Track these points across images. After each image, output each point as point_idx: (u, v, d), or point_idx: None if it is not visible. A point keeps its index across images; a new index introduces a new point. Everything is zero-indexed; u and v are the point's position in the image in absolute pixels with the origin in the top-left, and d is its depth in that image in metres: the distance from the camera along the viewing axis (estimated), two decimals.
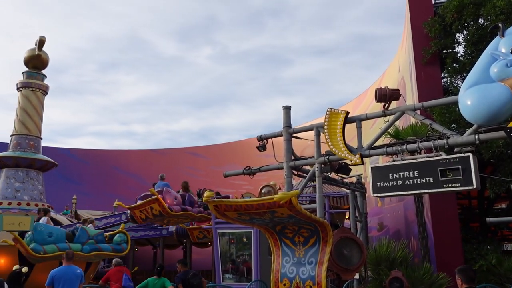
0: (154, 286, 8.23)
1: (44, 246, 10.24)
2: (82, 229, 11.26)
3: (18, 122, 15.85)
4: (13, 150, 15.49)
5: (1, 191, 14.84)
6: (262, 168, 10.01)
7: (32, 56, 16.15)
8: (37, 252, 10.08)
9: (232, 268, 13.20)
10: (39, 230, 10.35)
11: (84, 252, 10.92)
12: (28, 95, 15.96)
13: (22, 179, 15.31)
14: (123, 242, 12.04)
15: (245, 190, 20.13)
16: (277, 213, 6.72)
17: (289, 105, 9.42)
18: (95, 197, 25.80)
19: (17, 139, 15.59)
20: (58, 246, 10.44)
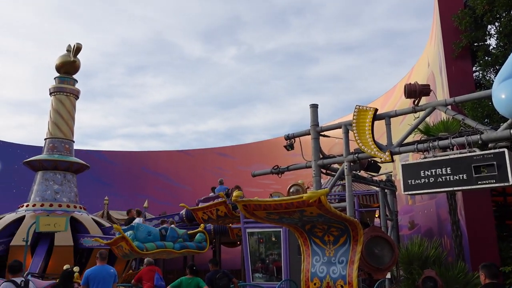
0: (188, 286, 8.29)
1: (146, 244, 11.12)
2: (172, 229, 12.27)
3: (52, 125, 16.35)
4: (50, 153, 15.98)
5: (41, 193, 15.34)
6: (290, 167, 9.98)
7: (65, 62, 16.64)
8: (140, 249, 10.92)
9: (261, 268, 13.22)
10: (140, 229, 11.23)
11: (175, 250, 11.97)
12: (61, 99, 16.44)
13: (60, 182, 15.84)
14: (203, 241, 13.06)
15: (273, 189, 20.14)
16: (306, 212, 6.68)
17: (316, 103, 9.36)
18: (126, 197, 26.30)
19: (53, 142, 16.08)
20: (156, 244, 11.38)
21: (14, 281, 6.30)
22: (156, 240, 11.49)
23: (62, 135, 16.20)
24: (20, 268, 6.56)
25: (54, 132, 16.16)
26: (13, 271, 6.47)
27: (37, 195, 15.42)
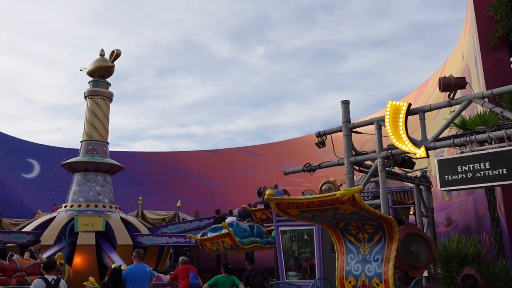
0: (224, 284, 8.36)
1: (244, 240, 12.75)
2: (258, 226, 13.63)
3: (88, 128, 16.82)
4: (88, 155, 16.45)
5: (83, 194, 15.80)
6: (322, 164, 9.91)
7: (100, 66, 17.11)
8: (241, 244, 12.62)
9: (295, 266, 13.18)
10: (240, 227, 12.93)
11: (263, 244, 13.50)
12: (96, 102, 16.90)
13: (102, 183, 16.32)
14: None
15: (305, 187, 20.03)
16: (340, 210, 6.61)
17: (347, 100, 9.25)
18: (159, 197, 26.74)
19: (92, 144, 16.54)
20: (250, 239, 12.98)
21: (45, 278, 6.44)
22: (250, 237, 13.01)
23: (99, 137, 16.66)
24: (54, 266, 6.67)
25: (90, 134, 16.63)
26: (47, 269, 6.62)
27: (80, 196, 15.87)
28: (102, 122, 16.85)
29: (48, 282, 6.36)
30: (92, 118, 16.76)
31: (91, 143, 16.57)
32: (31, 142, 29.30)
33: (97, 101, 16.90)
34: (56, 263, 6.74)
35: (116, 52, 17.06)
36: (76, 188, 16.42)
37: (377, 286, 7.18)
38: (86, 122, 16.91)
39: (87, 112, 17.02)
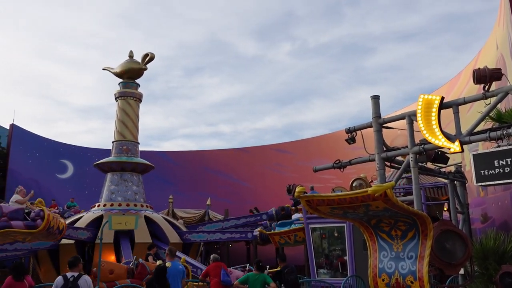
0: (255, 282, 8.38)
1: None
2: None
3: (119, 128, 17.15)
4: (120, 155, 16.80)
5: (121, 193, 16.18)
6: (353, 161, 9.78)
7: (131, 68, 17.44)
8: None
9: (326, 263, 13.08)
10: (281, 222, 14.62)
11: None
12: (126, 103, 17.22)
13: (137, 183, 16.69)
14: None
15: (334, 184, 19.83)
16: (372, 207, 6.52)
17: (377, 95, 9.09)
18: (189, 196, 27.05)
19: (124, 144, 16.88)
20: None
21: (65, 275, 6.54)
22: None
23: (130, 137, 16.98)
24: (76, 263, 6.69)
25: (122, 134, 16.97)
26: (70, 266, 6.70)
27: (118, 195, 16.22)
28: (132, 122, 17.17)
29: (66, 279, 6.44)
30: (123, 118, 17.09)
31: (122, 143, 16.90)
32: (65, 143, 30.14)
33: (128, 102, 17.23)
34: (78, 260, 6.76)
35: (150, 55, 17.47)
36: (108, 187, 16.79)
37: (412, 284, 7.05)
38: (117, 122, 17.24)
39: (118, 112, 17.36)
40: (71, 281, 6.39)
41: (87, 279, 6.61)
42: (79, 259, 6.80)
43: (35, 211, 10.85)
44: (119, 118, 17.18)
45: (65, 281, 6.41)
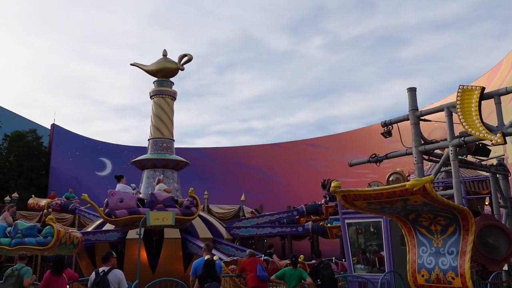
0: (291, 277, 8.41)
1: None
2: None
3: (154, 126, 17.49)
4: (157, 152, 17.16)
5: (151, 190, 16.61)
6: (389, 154, 9.63)
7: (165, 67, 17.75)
8: None
9: (362, 259, 12.93)
10: None
11: None
12: (161, 101, 17.54)
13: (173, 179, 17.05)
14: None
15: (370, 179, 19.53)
16: (410, 201, 6.40)
17: (414, 87, 8.90)
18: (224, 192, 27.31)
19: (159, 142, 17.23)
20: None
21: (97, 270, 6.82)
22: None
23: (165, 134, 17.30)
24: (108, 258, 6.92)
25: (157, 132, 17.31)
26: (103, 260, 6.97)
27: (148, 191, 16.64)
28: (167, 120, 17.47)
29: (97, 273, 6.70)
30: (159, 116, 17.42)
31: (158, 140, 17.24)
32: (103, 141, 31.04)
33: (162, 100, 17.54)
34: (111, 255, 7.00)
35: (188, 57, 17.88)
36: (145, 184, 17.17)
37: (453, 280, 6.89)
38: (153, 120, 17.59)
39: (153, 110, 17.70)
40: (101, 275, 6.63)
41: (118, 273, 6.79)
42: (111, 254, 7.03)
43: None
44: (154, 115, 17.51)
45: (96, 275, 6.68)
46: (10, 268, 8.13)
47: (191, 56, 17.96)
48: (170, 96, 17.82)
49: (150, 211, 11.63)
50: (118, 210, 12.61)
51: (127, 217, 12.67)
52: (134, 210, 12.74)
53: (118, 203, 12.68)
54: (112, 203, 12.72)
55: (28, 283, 7.81)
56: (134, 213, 12.65)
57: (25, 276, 7.81)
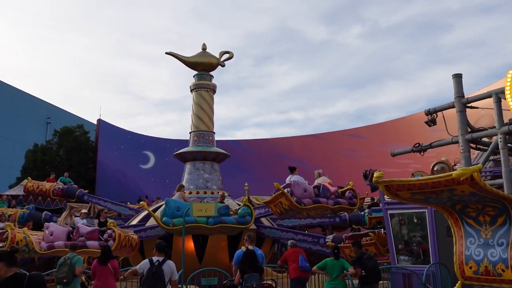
0: (333, 267, 8.41)
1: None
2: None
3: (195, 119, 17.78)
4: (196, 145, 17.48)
5: (194, 182, 16.95)
6: (434, 144, 9.38)
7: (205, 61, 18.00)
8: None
9: (406, 250, 12.71)
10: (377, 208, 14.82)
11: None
12: (201, 94, 17.81)
13: (209, 171, 17.33)
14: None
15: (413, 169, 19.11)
16: (457, 191, 6.23)
17: (459, 73, 8.60)
18: (264, 183, 27.41)
19: (200, 134, 17.54)
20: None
21: (151, 259, 6.89)
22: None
23: (206, 127, 17.59)
24: (162, 249, 7.03)
25: (198, 125, 17.61)
26: (157, 250, 7.04)
27: (191, 183, 17.01)
28: (208, 113, 17.73)
29: (152, 263, 6.78)
30: (199, 109, 17.70)
31: (199, 133, 17.54)
32: (146, 135, 31.90)
33: (202, 94, 17.80)
34: (164, 246, 7.13)
35: (230, 54, 18.25)
36: (186, 176, 17.53)
37: (503, 272, 6.67)
38: (193, 114, 17.89)
39: (193, 104, 18.00)
40: (156, 265, 6.73)
41: (171, 264, 6.93)
42: (165, 245, 7.18)
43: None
44: (195, 109, 17.80)
45: (151, 264, 6.76)
46: (62, 257, 8.59)
47: (232, 54, 18.29)
48: (210, 90, 18.05)
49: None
50: (304, 199, 13.61)
51: (312, 206, 13.68)
52: (315, 199, 13.86)
53: (303, 192, 13.73)
54: (298, 192, 13.65)
55: (79, 271, 8.23)
56: (317, 202, 13.84)
57: (77, 264, 8.22)
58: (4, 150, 30.19)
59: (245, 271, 7.74)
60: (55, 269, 8.67)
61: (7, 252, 3.64)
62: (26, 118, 35.19)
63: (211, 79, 18.24)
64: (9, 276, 3.49)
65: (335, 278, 8.36)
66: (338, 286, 8.33)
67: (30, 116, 35.72)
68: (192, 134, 17.81)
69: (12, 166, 29.65)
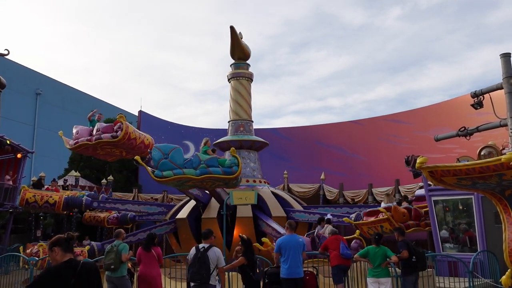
0: (375, 255, 8.30)
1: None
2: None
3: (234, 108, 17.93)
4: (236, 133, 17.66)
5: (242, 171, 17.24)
6: (481, 127, 9.02)
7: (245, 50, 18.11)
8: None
9: (451, 238, 12.37)
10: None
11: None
12: (239, 83, 17.92)
13: (255, 160, 17.51)
14: (234, 165, 12.85)
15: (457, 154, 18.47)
16: (506, 176, 6.00)
17: (508, 52, 8.18)
18: (303, 171, 27.33)
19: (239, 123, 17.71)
20: None
21: (197, 246, 7.12)
22: None
23: (244, 116, 17.71)
24: (208, 236, 7.19)
25: (236, 114, 17.76)
26: (203, 237, 7.28)
27: None
28: (246, 101, 17.82)
29: (198, 249, 7.00)
30: (237, 98, 17.81)
31: (238, 122, 17.67)
32: (185, 125, 32.40)
33: (240, 82, 17.90)
34: (211, 234, 7.28)
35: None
36: None
37: None
38: (232, 102, 18.02)
39: (232, 93, 18.12)
40: (201, 251, 6.92)
41: (216, 250, 7.08)
42: (212, 232, 7.32)
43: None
44: (233, 98, 17.92)
45: (197, 251, 6.98)
46: (109, 245, 8.94)
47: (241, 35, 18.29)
48: (247, 78, 18.10)
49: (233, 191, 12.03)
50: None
51: None
52: None
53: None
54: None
55: (125, 258, 8.55)
56: None
57: (123, 251, 8.54)
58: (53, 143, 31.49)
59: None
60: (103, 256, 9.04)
61: (64, 238, 3.78)
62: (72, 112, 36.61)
63: (248, 68, 18.27)
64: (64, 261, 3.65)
65: (378, 266, 8.25)
66: (381, 273, 8.23)
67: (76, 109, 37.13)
68: (231, 123, 17.97)
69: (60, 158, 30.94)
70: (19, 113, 31.86)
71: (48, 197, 16.12)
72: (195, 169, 12.54)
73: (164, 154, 12.57)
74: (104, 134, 12.92)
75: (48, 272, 3.63)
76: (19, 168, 18.35)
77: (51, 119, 34.20)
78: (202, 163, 12.60)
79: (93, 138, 13.01)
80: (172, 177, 12.26)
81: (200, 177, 12.44)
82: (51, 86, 35.74)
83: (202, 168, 12.53)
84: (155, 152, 12.81)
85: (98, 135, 12.94)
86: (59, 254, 3.68)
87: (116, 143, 12.82)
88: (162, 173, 12.40)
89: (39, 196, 16.01)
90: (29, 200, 15.77)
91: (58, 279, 3.52)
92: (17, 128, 29.85)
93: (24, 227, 22.72)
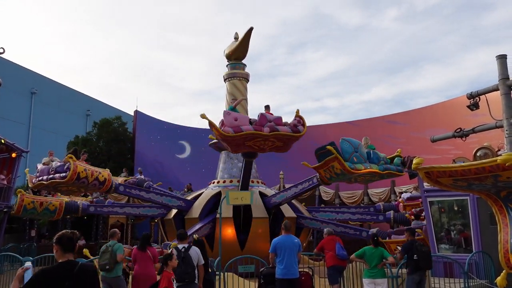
0: (372, 255, 8.29)
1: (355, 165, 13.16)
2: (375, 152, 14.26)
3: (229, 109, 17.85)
4: None
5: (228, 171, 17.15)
6: (476, 128, 9.03)
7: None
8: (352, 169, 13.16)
9: (447, 238, 12.39)
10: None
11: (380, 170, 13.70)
12: (235, 84, 17.86)
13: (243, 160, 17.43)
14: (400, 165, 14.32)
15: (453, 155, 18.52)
16: (502, 177, 5.99)
17: (504, 54, 8.21)
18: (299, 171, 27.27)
19: None
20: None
21: (177, 247, 7.46)
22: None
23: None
24: (185, 237, 7.81)
25: None
26: (179, 239, 7.77)
27: (225, 172, 17.18)
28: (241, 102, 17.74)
29: (179, 250, 7.34)
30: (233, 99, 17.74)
31: None
32: (182, 125, 32.32)
33: (235, 83, 17.85)
34: (186, 235, 7.98)
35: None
36: (221, 165, 17.67)
37: None
38: (227, 103, 17.96)
39: (227, 94, 18.06)
40: (183, 251, 7.29)
41: (196, 249, 7.54)
42: (186, 234, 8.02)
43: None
44: (228, 99, 17.85)
45: (178, 251, 7.28)
46: (104, 245, 8.89)
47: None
48: (243, 78, 18.05)
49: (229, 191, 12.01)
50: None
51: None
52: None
53: None
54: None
55: (120, 258, 8.51)
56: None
57: (118, 251, 8.49)
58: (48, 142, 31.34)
59: None
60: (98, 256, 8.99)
61: (67, 236, 3.68)
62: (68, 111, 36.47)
63: (244, 68, 18.23)
64: (61, 262, 3.56)
65: (374, 266, 8.24)
66: (377, 274, 8.21)
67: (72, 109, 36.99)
68: None
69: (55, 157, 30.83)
70: (14, 113, 31.71)
71: (48, 203, 15.60)
72: (377, 164, 13.52)
73: (354, 148, 13.16)
74: (57, 174, 13.60)
75: (42, 273, 3.51)
76: (14, 167, 18.21)
77: (46, 119, 34.06)
78: (381, 159, 13.83)
79: (48, 178, 13.71)
80: (363, 170, 12.95)
81: (384, 172, 13.58)
82: (46, 86, 35.57)
83: (382, 164, 13.67)
84: (346, 145, 13.25)
85: (52, 175, 13.65)
86: (58, 254, 3.60)
87: (66, 183, 13.37)
88: (354, 165, 12.89)
89: (38, 202, 15.48)
90: (28, 206, 15.19)
91: (52, 281, 3.42)
92: (12, 128, 29.70)
93: (19, 226, 22.58)
